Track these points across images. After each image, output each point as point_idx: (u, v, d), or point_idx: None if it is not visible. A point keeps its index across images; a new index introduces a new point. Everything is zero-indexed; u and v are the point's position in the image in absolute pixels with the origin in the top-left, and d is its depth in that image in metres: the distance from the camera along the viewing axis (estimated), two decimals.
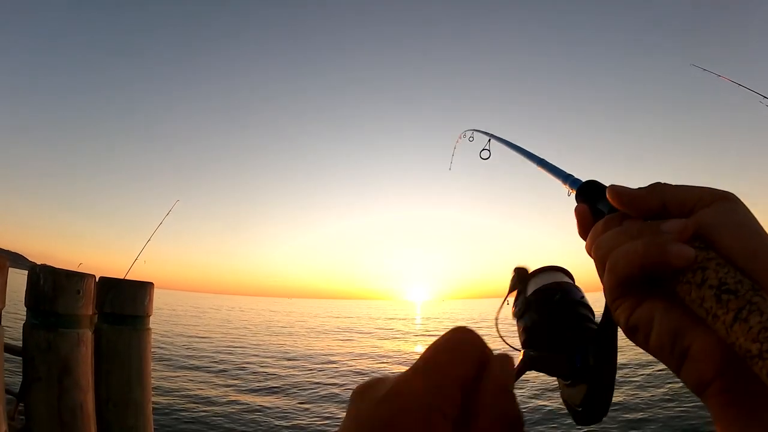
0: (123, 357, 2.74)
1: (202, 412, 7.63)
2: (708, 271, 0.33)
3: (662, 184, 0.41)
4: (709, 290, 0.32)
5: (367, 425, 0.26)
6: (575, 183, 0.56)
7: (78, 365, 2.37)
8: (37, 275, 2.34)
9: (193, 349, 15.36)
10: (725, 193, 0.38)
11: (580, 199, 0.50)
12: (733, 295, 0.31)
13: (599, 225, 0.43)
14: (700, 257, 0.34)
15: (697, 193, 0.39)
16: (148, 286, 2.98)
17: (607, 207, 0.46)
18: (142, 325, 2.89)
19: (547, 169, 0.70)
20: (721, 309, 0.31)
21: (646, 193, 0.41)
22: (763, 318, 0.29)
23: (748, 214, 0.37)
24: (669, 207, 0.39)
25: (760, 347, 0.28)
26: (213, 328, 24.87)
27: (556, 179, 0.65)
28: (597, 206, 0.47)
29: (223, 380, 10.38)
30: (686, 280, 0.34)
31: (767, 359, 0.27)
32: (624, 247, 0.37)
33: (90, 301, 2.50)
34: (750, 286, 0.31)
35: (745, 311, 0.30)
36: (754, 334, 0.28)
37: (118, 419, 2.68)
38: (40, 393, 2.24)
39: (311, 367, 12.76)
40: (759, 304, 0.29)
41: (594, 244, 0.42)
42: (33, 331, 2.29)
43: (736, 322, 0.30)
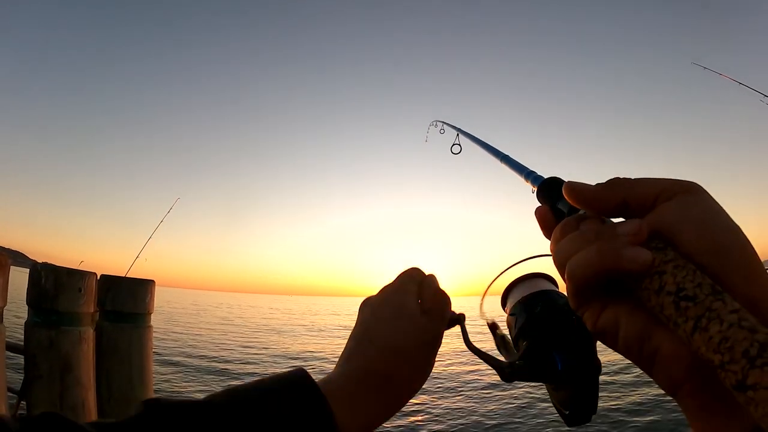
0: (124, 355, 2.76)
1: None
2: (665, 275, 0.31)
3: (621, 179, 0.38)
4: (668, 297, 0.30)
5: (370, 301, 0.60)
6: (537, 180, 0.55)
7: (79, 363, 2.37)
8: (38, 273, 2.35)
9: (194, 346, 15.38)
10: (689, 185, 0.36)
11: (541, 198, 0.49)
12: (691, 302, 0.29)
13: (557, 230, 0.40)
14: (657, 260, 0.32)
15: (659, 185, 0.36)
16: (149, 283, 2.99)
17: (567, 206, 0.45)
18: (143, 322, 2.90)
19: (510, 165, 0.69)
20: (681, 317, 0.29)
21: (604, 189, 0.38)
22: (722, 327, 0.27)
23: (713, 206, 0.35)
24: (629, 203, 0.37)
25: (721, 358, 0.26)
26: (213, 326, 24.90)
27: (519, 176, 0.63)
28: (557, 205, 0.46)
29: (223, 378, 10.40)
30: (645, 287, 0.32)
31: (729, 370, 0.26)
32: (579, 255, 0.35)
33: (91, 299, 2.51)
34: (710, 290, 0.29)
35: (704, 320, 0.28)
36: (715, 345, 0.27)
37: (120, 417, 2.68)
38: (42, 391, 2.25)
39: (311, 366, 12.78)
40: (719, 311, 0.28)
41: (553, 252, 0.40)
42: (35, 329, 2.30)
43: (696, 331, 0.28)
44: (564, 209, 0.45)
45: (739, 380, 0.25)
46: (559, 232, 0.40)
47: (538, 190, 0.50)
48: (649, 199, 0.36)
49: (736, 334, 0.26)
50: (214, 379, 10.28)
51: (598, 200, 0.38)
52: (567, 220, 0.41)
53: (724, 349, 0.26)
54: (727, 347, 0.26)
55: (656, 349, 0.34)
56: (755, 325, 0.26)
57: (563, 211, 0.45)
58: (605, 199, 0.38)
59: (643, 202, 0.36)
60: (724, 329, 0.27)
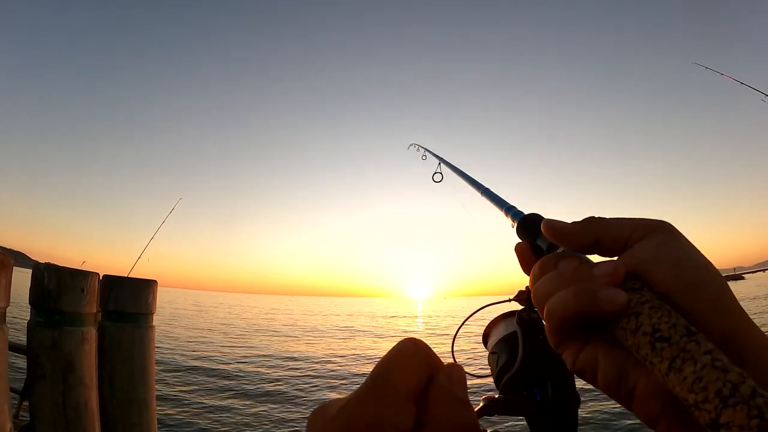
0: (127, 354, 2.75)
1: (206, 410, 7.65)
2: (642, 316, 0.32)
3: (595, 219, 0.40)
4: (644, 337, 0.32)
5: None
6: (517, 215, 0.56)
7: (82, 363, 2.38)
8: (41, 273, 2.35)
9: (196, 347, 15.40)
10: (660, 225, 0.38)
11: (521, 234, 0.51)
12: (666, 342, 0.30)
13: (536, 268, 0.42)
14: (633, 301, 0.34)
15: (630, 226, 0.38)
16: (152, 283, 2.99)
17: (546, 243, 0.46)
18: (145, 322, 2.90)
19: (491, 199, 0.70)
20: (656, 357, 0.31)
21: (578, 229, 0.40)
22: (696, 367, 0.28)
23: (685, 245, 0.36)
24: (601, 242, 0.39)
25: (695, 398, 0.27)
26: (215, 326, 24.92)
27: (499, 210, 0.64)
28: (537, 242, 0.47)
29: (225, 378, 10.40)
30: (621, 326, 0.34)
31: (703, 409, 0.27)
32: (557, 296, 0.37)
33: (94, 299, 2.51)
34: (684, 331, 0.30)
35: (678, 360, 0.29)
36: (689, 385, 0.28)
37: (122, 416, 2.69)
38: (45, 391, 2.25)
39: (311, 366, 12.78)
40: (693, 352, 0.29)
41: (532, 290, 0.41)
42: (37, 329, 2.30)
43: (671, 371, 0.29)
44: (543, 246, 0.46)
45: (712, 419, 0.26)
46: (538, 269, 0.41)
47: (518, 226, 0.51)
48: (622, 238, 0.38)
49: (710, 374, 0.27)
50: (213, 379, 10.28)
51: (574, 238, 0.41)
52: (545, 258, 0.42)
53: (698, 389, 0.27)
54: (701, 387, 0.27)
55: (634, 386, 0.35)
56: (727, 365, 0.28)
57: (542, 248, 0.46)
58: (581, 237, 0.40)
59: (615, 241, 0.39)
60: (697, 370, 0.28)
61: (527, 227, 0.50)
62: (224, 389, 9.28)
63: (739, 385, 0.26)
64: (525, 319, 0.51)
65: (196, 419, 7.12)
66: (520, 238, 0.51)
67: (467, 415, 0.28)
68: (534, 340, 0.50)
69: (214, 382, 9.87)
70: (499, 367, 0.53)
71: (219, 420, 7.18)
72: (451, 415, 0.28)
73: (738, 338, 0.32)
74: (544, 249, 0.46)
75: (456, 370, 0.30)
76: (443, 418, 0.28)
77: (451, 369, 0.30)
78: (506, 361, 0.53)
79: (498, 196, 0.69)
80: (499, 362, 0.54)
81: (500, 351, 0.54)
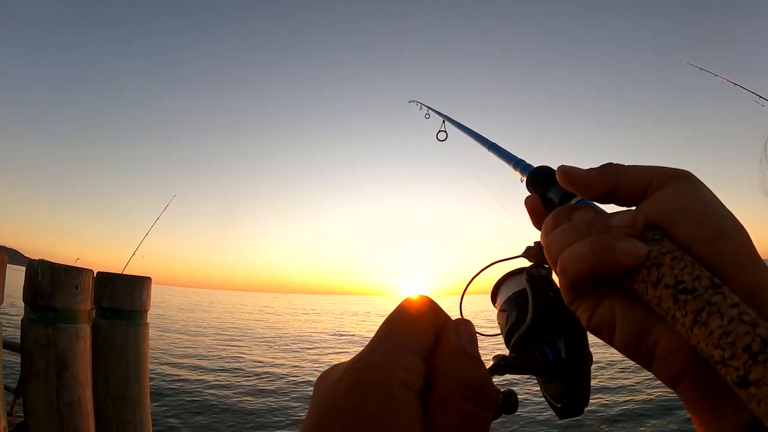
0: (121, 352, 2.74)
1: (200, 407, 7.63)
2: (663, 267, 0.31)
3: (614, 165, 0.38)
4: (666, 290, 0.30)
5: (327, 405, 0.25)
6: (526, 169, 0.54)
7: (76, 360, 2.36)
8: (35, 270, 2.33)
9: (190, 344, 15.34)
10: (681, 172, 0.36)
11: (531, 187, 0.49)
12: (690, 295, 0.29)
13: (549, 220, 0.39)
14: (653, 252, 0.32)
15: (651, 173, 0.36)
16: (146, 280, 2.97)
17: (558, 195, 0.44)
18: (140, 319, 2.88)
19: (498, 154, 0.68)
20: (680, 311, 0.29)
21: (597, 174, 0.38)
22: (723, 321, 0.26)
23: (706, 194, 0.34)
24: (621, 188, 0.37)
25: (722, 354, 0.26)
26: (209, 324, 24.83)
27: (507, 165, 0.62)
28: (548, 195, 0.45)
29: (219, 375, 10.38)
30: (641, 279, 0.32)
31: (730, 366, 0.25)
32: (571, 249, 0.35)
33: (88, 296, 2.49)
34: (709, 283, 0.29)
35: (704, 314, 0.28)
36: (715, 340, 0.26)
37: (117, 414, 2.68)
38: (39, 388, 2.23)
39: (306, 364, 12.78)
40: (719, 305, 0.27)
41: (544, 244, 0.39)
42: (31, 327, 2.28)
43: (696, 325, 0.28)
44: (555, 199, 0.44)
45: (741, 376, 0.25)
46: (550, 222, 0.39)
47: (528, 179, 0.50)
48: (641, 185, 0.36)
49: (738, 328, 0.26)
50: (211, 374, 10.26)
51: (591, 184, 0.38)
52: (559, 209, 0.39)
53: (725, 345, 0.26)
54: (729, 342, 0.26)
55: (654, 343, 0.33)
56: (756, 319, 0.26)
57: (554, 201, 0.44)
58: (598, 183, 0.38)
59: (634, 189, 0.36)
60: (724, 324, 0.26)
61: (538, 180, 0.48)
62: (219, 386, 9.26)
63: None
64: (535, 275, 0.48)
65: (191, 416, 7.10)
66: (530, 191, 0.48)
67: (478, 371, 0.27)
68: (544, 297, 0.48)
69: (209, 379, 9.84)
70: (509, 325, 0.51)
71: (214, 416, 7.17)
72: (462, 370, 0.27)
73: (763, 292, 0.30)
74: (556, 201, 0.44)
75: (465, 325, 0.29)
76: (453, 373, 0.27)
77: (459, 324, 0.29)
78: (516, 318, 0.51)
79: (506, 150, 0.67)
80: (508, 320, 0.52)
81: (510, 308, 0.53)
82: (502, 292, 0.57)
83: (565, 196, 0.43)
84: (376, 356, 0.26)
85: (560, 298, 0.41)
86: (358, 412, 0.24)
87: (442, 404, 0.26)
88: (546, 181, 0.46)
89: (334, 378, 0.26)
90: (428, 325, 0.28)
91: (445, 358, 0.27)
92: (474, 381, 0.26)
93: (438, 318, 0.29)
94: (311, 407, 0.27)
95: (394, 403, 0.24)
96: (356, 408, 0.24)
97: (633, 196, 0.37)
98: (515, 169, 0.59)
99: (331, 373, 0.28)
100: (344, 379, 0.26)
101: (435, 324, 0.29)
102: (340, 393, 0.25)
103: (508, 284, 0.56)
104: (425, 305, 0.29)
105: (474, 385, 0.26)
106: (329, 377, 0.27)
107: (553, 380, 0.48)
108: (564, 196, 0.43)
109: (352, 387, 0.25)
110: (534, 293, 0.48)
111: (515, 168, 0.59)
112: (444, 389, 0.26)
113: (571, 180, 0.39)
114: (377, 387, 0.25)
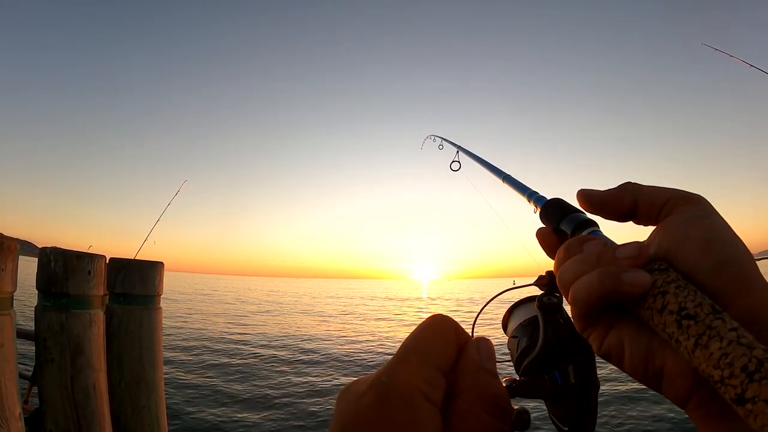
0: (134, 337, 2.77)
1: (213, 391, 7.75)
2: (668, 295, 0.33)
3: (633, 184, 0.41)
4: (670, 316, 0.32)
5: (352, 417, 0.26)
6: (539, 201, 0.56)
7: (90, 346, 2.39)
8: (47, 257, 2.35)
9: (202, 329, 15.57)
10: (693, 198, 0.38)
11: (544, 219, 0.51)
12: (692, 320, 0.31)
13: (561, 251, 0.41)
14: (659, 281, 0.34)
15: (666, 194, 0.39)
16: (159, 265, 2.99)
17: (570, 227, 0.46)
18: (153, 304, 2.91)
19: (512, 185, 0.70)
20: (683, 335, 0.31)
21: (618, 193, 0.41)
22: (722, 344, 0.29)
23: (714, 221, 0.36)
24: (639, 207, 0.40)
25: (721, 374, 0.28)
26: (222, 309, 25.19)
27: (521, 196, 0.64)
28: (560, 226, 0.47)
29: (232, 360, 10.53)
30: (647, 306, 0.34)
31: (729, 385, 0.27)
32: (581, 281, 0.37)
33: (101, 281, 2.51)
34: (710, 309, 0.31)
35: (704, 337, 0.30)
36: (715, 361, 0.29)
37: (131, 398, 2.72)
38: (53, 374, 2.26)
39: (318, 348, 12.92)
40: (718, 329, 0.29)
41: (557, 274, 0.41)
42: (45, 314, 2.31)
43: (697, 348, 0.30)
44: (567, 230, 0.46)
45: (738, 394, 0.27)
46: (563, 253, 0.41)
47: (542, 211, 0.52)
48: (657, 205, 0.39)
49: (735, 350, 0.28)
50: (224, 359, 10.41)
51: (612, 203, 0.41)
52: (570, 241, 0.41)
53: (724, 365, 0.28)
54: (727, 363, 0.28)
55: (661, 367, 0.35)
56: (753, 342, 0.28)
57: (566, 232, 0.46)
58: (619, 201, 0.41)
59: (651, 207, 0.39)
60: (723, 346, 0.28)
61: (551, 211, 0.50)
62: (233, 369, 9.40)
63: (764, 361, 0.27)
64: (546, 303, 0.50)
65: (204, 400, 7.22)
66: (543, 223, 0.51)
67: (497, 386, 0.29)
68: (555, 324, 0.49)
69: (221, 364, 9.99)
70: (520, 351, 0.53)
71: (227, 401, 7.27)
72: (481, 386, 0.28)
73: (765, 313, 0.32)
74: (568, 233, 0.46)
75: (484, 343, 0.31)
76: (473, 389, 0.28)
77: (479, 342, 0.31)
78: (527, 345, 0.52)
79: (519, 182, 0.69)
80: (519, 346, 0.53)
81: (521, 335, 0.54)
82: (513, 319, 0.58)
83: (576, 227, 0.46)
84: (401, 371, 0.27)
85: (570, 326, 0.44)
86: (382, 423, 0.25)
87: (463, 417, 0.27)
88: (559, 213, 0.49)
89: (359, 391, 0.27)
90: (450, 342, 0.30)
91: (466, 373, 0.29)
92: (493, 395, 0.28)
93: (459, 336, 0.31)
94: (334, 420, 0.27)
95: (418, 416, 0.25)
96: (381, 420, 0.25)
97: (650, 215, 0.40)
98: (529, 201, 0.61)
99: (354, 386, 0.28)
100: (369, 392, 0.26)
101: (456, 341, 0.30)
102: (365, 406, 0.26)
103: (519, 311, 0.58)
104: (447, 323, 0.31)
105: (493, 399, 0.28)
106: (353, 390, 0.28)
107: (561, 404, 0.49)
108: (576, 227, 0.46)
109: (377, 399, 0.26)
110: (545, 320, 0.50)
111: (529, 200, 0.61)
112: (464, 403, 0.27)
113: (592, 200, 0.42)
114: (402, 399, 0.26)
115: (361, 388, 0.27)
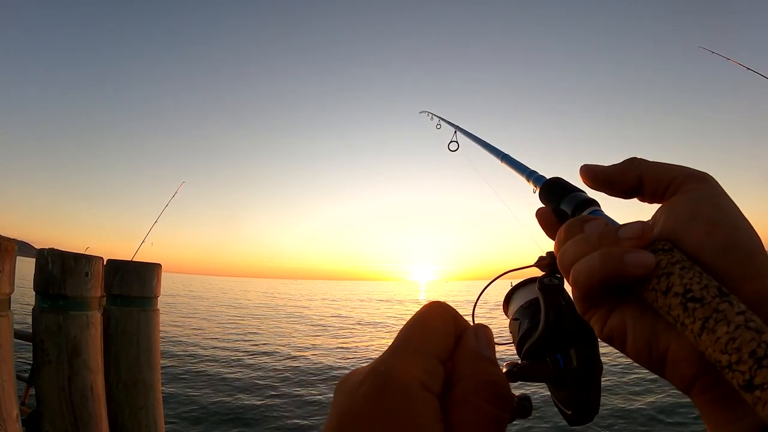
0: (132, 338, 2.76)
1: (211, 392, 7.74)
2: (673, 276, 0.32)
3: (639, 159, 0.40)
4: (675, 298, 0.31)
5: (349, 407, 0.26)
6: (539, 180, 0.55)
7: (88, 347, 2.38)
8: (45, 258, 2.34)
9: (200, 331, 15.54)
10: (700, 175, 0.37)
11: (544, 199, 0.50)
12: (699, 303, 0.30)
13: (561, 232, 0.40)
14: (663, 262, 0.33)
15: (673, 171, 0.37)
16: (156, 267, 2.98)
17: (570, 207, 0.45)
18: (150, 305, 2.90)
19: (511, 165, 0.69)
20: (688, 318, 0.30)
21: (623, 168, 0.39)
22: (729, 328, 0.28)
23: (721, 201, 0.35)
24: (645, 183, 0.39)
25: (729, 359, 0.27)
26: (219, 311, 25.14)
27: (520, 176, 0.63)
28: (560, 206, 0.46)
29: (229, 362, 10.52)
30: (651, 288, 0.33)
31: (736, 370, 0.27)
32: (582, 262, 0.36)
33: (98, 283, 2.51)
34: (716, 292, 0.30)
35: (711, 321, 0.29)
36: (722, 345, 0.27)
37: (128, 400, 2.71)
38: (51, 376, 2.26)
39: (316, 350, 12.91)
40: (725, 312, 0.28)
41: (557, 255, 0.39)
42: (42, 315, 2.30)
43: (704, 331, 0.29)
44: (567, 210, 0.45)
45: (746, 380, 0.26)
46: (563, 233, 0.40)
47: (541, 190, 0.51)
48: (664, 182, 0.37)
49: (744, 335, 0.27)
50: (221, 360, 10.39)
51: (617, 178, 0.39)
52: (571, 221, 0.40)
53: (732, 350, 0.27)
54: (735, 348, 0.27)
55: (665, 350, 0.34)
56: (761, 326, 0.27)
57: (567, 212, 0.45)
58: (624, 176, 0.39)
59: (657, 184, 0.38)
60: (731, 330, 0.27)
61: (551, 191, 0.49)
62: (230, 371, 9.38)
63: None
64: (547, 284, 0.49)
65: (202, 401, 7.21)
66: (543, 203, 0.49)
67: (496, 373, 0.28)
68: (556, 306, 0.48)
69: (219, 365, 9.97)
70: (521, 334, 0.52)
71: (225, 401, 7.26)
72: (480, 373, 0.28)
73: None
74: (568, 213, 0.45)
75: (483, 330, 0.30)
76: (472, 377, 0.27)
77: (478, 329, 0.30)
78: (528, 327, 0.51)
79: (518, 161, 0.68)
80: (520, 329, 0.52)
81: (522, 317, 0.53)
82: (514, 302, 0.57)
83: (577, 207, 0.45)
84: (398, 360, 0.27)
85: (572, 308, 0.42)
86: (380, 413, 0.25)
87: (461, 405, 0.26)
88: (559, 192, 0.48)
89: (355, 381, 0.27)
90: (447, 330, 0.29)
91: (464, 361, 0.28)
92: (492, 383, 0.27)
93: (457, 323, 0.30)
94: (332, 411, 0.27)
95: (415, 405, 0.25)
96: (378, 410, 0.25)
97: (656, 192, 0.38)
98: (528, 181, 0.60)
99: (351, 377, 0.28)
100: (366, 382, 0.26)
101: (454, 329, 0.29)
102: (362, 396, 0.25)
103: (520, 293, 0.57)
104: (444, 310, 0.30)
105: (492, 386, 0.27)
106: (350, 381, 0.27)
107: (564, 387, 0.49)
108: (576, 207, 0.45)
109: (374, 389, 0.25)
110: (546, 302, 0.49)
111: (528, 179, 0.60)
112: (463, 391, 0.27)
113: (596, 176, 0.40)
114: (399, 389, 0.25)
115: (358, 379, 0.27)
